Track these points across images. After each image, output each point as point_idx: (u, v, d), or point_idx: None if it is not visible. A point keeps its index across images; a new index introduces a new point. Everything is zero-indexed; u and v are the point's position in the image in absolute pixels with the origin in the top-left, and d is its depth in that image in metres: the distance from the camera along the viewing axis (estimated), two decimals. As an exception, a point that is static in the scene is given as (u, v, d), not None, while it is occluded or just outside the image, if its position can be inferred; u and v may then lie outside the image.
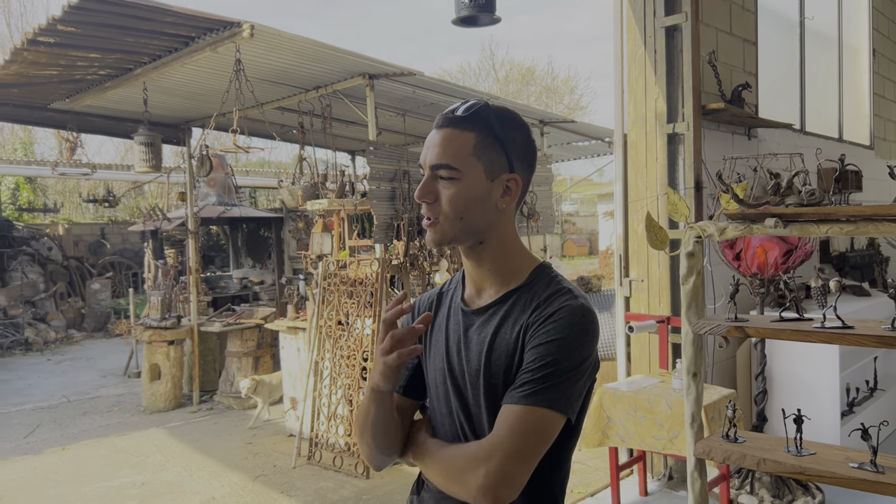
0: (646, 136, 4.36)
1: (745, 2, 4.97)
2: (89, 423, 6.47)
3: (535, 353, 1.17)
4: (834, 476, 1.52)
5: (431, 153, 1.25)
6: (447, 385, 1.30)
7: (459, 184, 1.23)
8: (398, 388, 1.37)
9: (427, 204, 1.25)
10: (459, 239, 1.26)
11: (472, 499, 1.15)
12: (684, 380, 1.76)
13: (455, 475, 1.18)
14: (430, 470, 1.27)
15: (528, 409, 1.14)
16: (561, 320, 1.18)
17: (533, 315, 1.21)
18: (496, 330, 1.24)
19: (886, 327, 1.51)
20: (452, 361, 1.30)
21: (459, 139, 1.23)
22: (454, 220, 1.23)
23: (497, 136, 1.25)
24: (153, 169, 5.67)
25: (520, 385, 1.17)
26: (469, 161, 1.23)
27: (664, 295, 4.28)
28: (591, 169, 25.78)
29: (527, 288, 1.26)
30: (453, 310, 1.34)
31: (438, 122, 1.27)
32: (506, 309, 1.26)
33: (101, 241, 14.05)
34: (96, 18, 3.90)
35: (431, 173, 1.25)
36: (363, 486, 4.60)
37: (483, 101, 1.29)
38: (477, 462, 1.15)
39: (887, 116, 7.60)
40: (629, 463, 4.22)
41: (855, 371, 4.55)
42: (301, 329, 5.68)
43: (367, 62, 4.83)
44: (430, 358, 1.35)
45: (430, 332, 1.37)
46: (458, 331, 1.31)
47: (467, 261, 1.31)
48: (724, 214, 1.66)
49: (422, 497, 1.37)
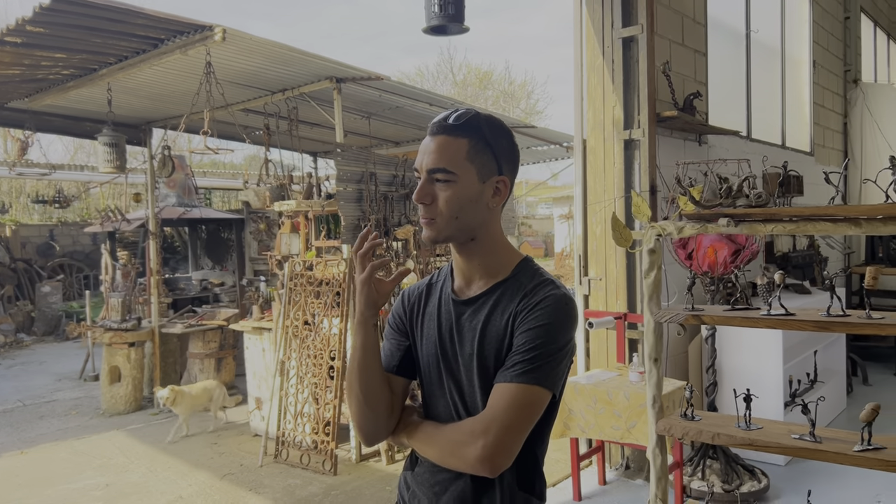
0: (604, 141, 4.57)
1: (696, 15, 5.24)
2: (47, 426, 6.37)
3: (525, 337, 1.31)
4: (779, 446, 1.71)
5: (428, 158, 1.38)
6: (440, 368, 1.44)
7: (455, 186, 1.36)
8: (392, 368, 1.49)
9: (425, 205, 1.38)
10: (454, 236, 1.40)
11: (472, 468, 1.29)
12: (646, 365, 1.93)
13: (454, 449, 1.32)
14: (427, 447, 1.40)
15: (520, 386, 1.29)
16: (547, 308, 1.33)
17: (521, 303, 1.35)
18: (487, 317, 1.38)
19: (823, 314, 1.71)
20: (446, 346, 1.43)
21: (454, 145, 1.37)
22: (450, 219, 1.37)
23: (487, 142, 1.39)
24: (118, 170, 5.64)
25: (511, 365, 1.31)
26: (463, 165, 1.36)
27: (621, 293, 4.49)
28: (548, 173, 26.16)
29: (513, 280, 1.41)
30: (444, 300, 1.47)
31: (433, 130, 1.40)
32: (495, 298, 1.40)
33: (49, 242, 13.70)
34: (66, 19, 3.91)
35: (428, 177, 1.38)
36: (331, 482, 4.69)
37: (473, 109, 1.43)
38: (475, 435, 1.29)
39: (826, 125, 8.03)
40: (588, 454, 4.42)
41: (797, 364, 4.84)
42: (266, 330, 5.72)
43: (335, 66, 4.93)
44: (423, 344, 1.48)
45: (421, 318, 1.50)
46: (450, 319, 1.44)
47: (459, 256, 1.45)
48: (682, 214, 1.84)
49: (416, 472, 1.49)
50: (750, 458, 4.34)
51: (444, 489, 1.41)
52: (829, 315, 1.72)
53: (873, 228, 1.56)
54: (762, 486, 4.06)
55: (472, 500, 1.39)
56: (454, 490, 1.40)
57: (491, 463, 1.27)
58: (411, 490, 1.50)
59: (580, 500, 4.17)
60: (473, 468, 1.29)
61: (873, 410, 1.65)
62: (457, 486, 1.40)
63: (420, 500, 1.47)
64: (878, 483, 4.09)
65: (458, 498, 1.40)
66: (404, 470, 1.55)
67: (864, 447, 1.65)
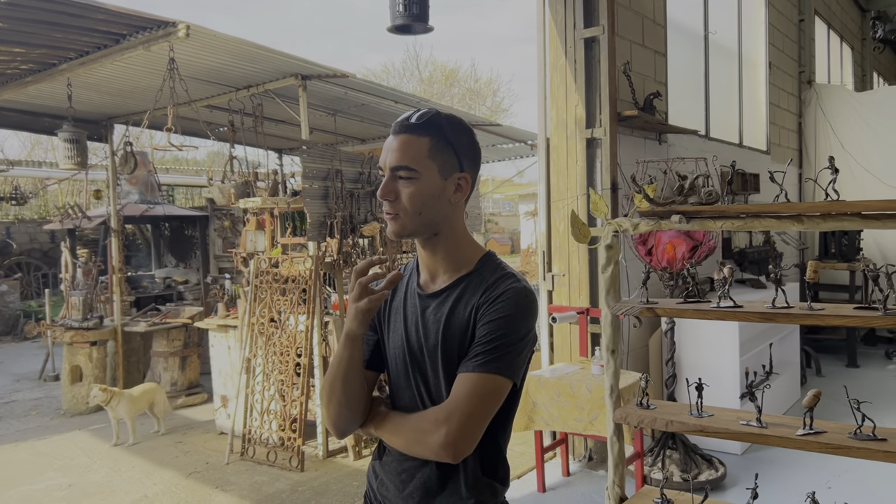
0: (567, 140, 4.66)
1: (656, 16, 5.36)
2: (6, 427, 6.26)
3: (486, 329, 1.37)
4: (728, 431, 1.80)
5: (391, 156, 1.43)
6: (406, 360, 1.49)
7: (417, 183, 1.41)
8: (363, 363, 1.52)
9: (389, 202, 1.43)
10: (418, 231, 1.45)
11: (435, 455, 1.35)
12: (604, 356, 2.01)
13: (418, 437, 1.37)
14: (393, 436, 1.45)
15: (481, 375, 1.35)
16: (507, 300, 1.39)
17: (483, 296, 1.41)
18: (451, 310, 1.44)
19: (768, 306, 1.81)
20: (411, 339, 1.48)
21: (416, 143, 1.42)
22: (413, 214, 1.42)
23: (448, 140, 1.44)
24: (79, 166, 5.56)
25: (473, 356, 1.37)
26: (425, 162, 1.42)
27: (584, 288, 4.59)
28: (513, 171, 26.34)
29: (476, 274, 1.46)
30: (410, 294, 1.53)
31: (395, 129, 1.45)
32: (458, 292, 1.45)
33: (6, 240, 13.37)
34: (26, 14, 3.85)
35: (391, 174, 1.43)
36: (298, 478, 4.71)
37: (434, 109, 1.49)
38: (438, 423, 1.35)
39: (781, 124, 8.28)
40: (552, 446, 4.51)
41: (753, 356, 5.01)
42: (232, 327, 5.70)
43: (300, 63, 4.93)
44: (390, 336, 1.54)
45: (388, 313, 1.55)
46: (416, 312, 1.49)
47: (423, 250, 1.50)
48: (637, 212, 1.92)
49: (384, 461, 1.54)
50: (708, 447, 4.49)
51: (411, 476, 1.46)
52: (774, 307, 1.82)
53: (814, 225, 1.66)
54: (719, 475, 4.21)
55: (437, 486, 1.44)
56: (420, 477, 1.45)
57: (454, 449, 1.33)
58: (379, 479, 1.55)
59: (544, 492, 4.26)
60: (437, 455, 1.34)
61: (815, 396, 1.75)
62: (423, 474, 1.45)
63: (388, 488, 1.52)
64: (830, 471, 4.27)
65: (424, 484, 1.45)
66: (373, 460, 1.60)
67: (806, 431, 1.75)
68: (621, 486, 2.07)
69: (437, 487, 1.44)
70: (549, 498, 4.21)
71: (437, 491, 1.45)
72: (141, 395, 5.66)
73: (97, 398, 5.39)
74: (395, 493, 1.50)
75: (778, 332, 5.68)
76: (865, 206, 1.56)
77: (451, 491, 1.44)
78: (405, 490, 1.47)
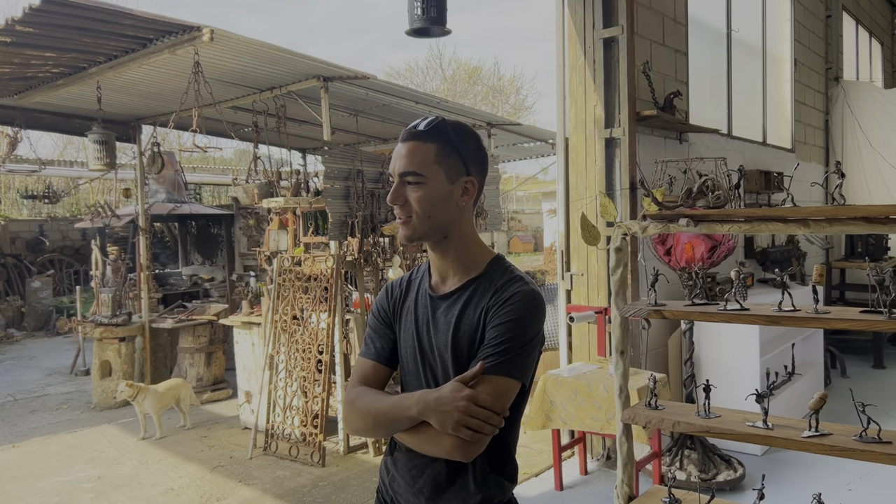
0: (585, 140, 4.67)
1: (676, 15, 5.34)
2: (38, 420, 6.44)
3: (496, 331, 1.42)
4: (734, 433, 1.83)
5: (400, 163, 1.49)
6: (417, 359, 1.54)
7: (425, 187, 1.47)
8: (384, 360, 1.60)
9: (399, 206, 1.49)
10: (428, 234, 1.50)
11: (448, 454, 1.39)
12: (614, 357, 2.04)
13: (431, 436, 1.41)
14: (406, 434, 1.48)
15: (494, 377, 1.39)
16: (516, 303, 1.44)
17: (492, 299, 1.46)
18: (461, 312, 1.49)
19: (774, 309, 1.82)
20: (422, 339, 1.54)
21: (423, 150, 1.48)
22: (423, 218, 1.48)
23: (454, 146, 1.50)
24: (108, 167, 5.71)
25: (483, 358, 1.41)
26: (432, 168, 1.47)
27: (602, 288, 4.60)
28: (537, 168, 26.29)
29: (486, 277, 1.52)
30: (421, 295, 1.59)
31: (403, 137, 1.52)
32: (468, 294, 1.50)
33: (39, 238, 13.70)
34: (56, 20, 3.97)
35: (401, 180, 1.49)
36: (319, 473, 4.79)
37: (440, 117, 1.54)
38: None
39: (807, 122, 8.17)
40: (570, 444, 4.54)
41: (774, 357, 4.97)
42: (256, 324, 5.81)
43: (322, 65, 5.01)
44: (402, 336, 1.59)
45: (402, 312, 1.61)
46: (427, 313, 1.55)
47: (433, 253, 1.56)
48: (646, 215, 1.95)
49: (395, 457, 1.59)
50: (727, 448, 4.47)
51: (421, 472, 1.51)
52: (781, 310, 1.84)
53: (820, 228, 1.67)
54: (738, 476, 4.19)
55: (446, 482, 1.49)
56: (430, 472, 1.50)
57: (465, 449, 1.37)
58: (391, 474, 1.60)
59: (562, 490, 4.29)
60: (450, 454, 1.38)
61: (820, 399, 1.77)
62: (433, 469, 1.50)
63: (399, 484, 1.57)
64: (851, 473, 4.23)
65: (434, 480, 1.50)
66: (385, 455, 1.65)
67: (812, 434, 1.77)
68: (630, 485, 2.10)
69: (447, 483, 1.49)
70: (567, 496, 4.24)
71: (446, 486, 1.49)
72: (167, 391, 5.78)
73: (124, 393, 5.53)
74: (405, 489, 1.55)
75: (801, 333, 5.62)
76: (870, 211, 1.57)
77: (459, 486, 1.49)
78: (416, 485, 1.52)
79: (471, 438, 1.35)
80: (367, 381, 1.57)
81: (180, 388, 5.92)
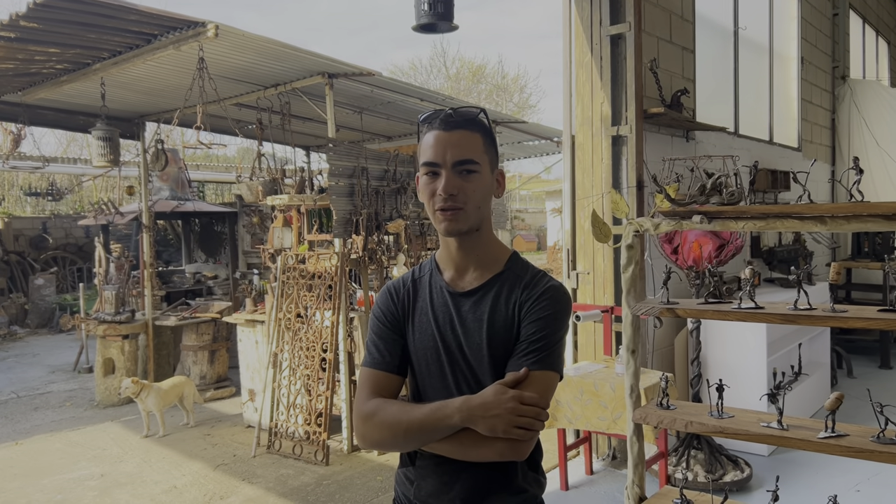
0: (592, 137, 4.63)
1: (684, 12, 5.30)
2: (41, 417, 6.43)
3: (534, 326, 1.40)
4: (748, 433, 1.79)
5: (453, 151, 1.41)
6: (441, 360, 1.46)
7: (479, 177, 1.44)
8: (393, 368, 1.50)
9: (452, 196, 1.41)
10: (474, 226, 1.46)
11: (501, 455, 1.34)
12: (624, 356, 2.01)
13: (479, 439, 1.34)
14: (443, 442, 1.38)
15: (538, 373, 1.37)
16: (550, 298, 1.42)
17: (524, 294, 1.44)
18: (493, 308, 1.45)
19: (790, 307, 1.79)
20: (447, 339, 1.47)
21: (472, 138, 1.44)
22: (475, 209, 1.44)
23: (492, 137, 1.49)
24: (111, 163, 5.68)
25: (525, 353, 1.39)
26: (482, 157, 1.45)
27: (608, 286, 4.57)
28: (540, 167, 26.22)
29: (510, 272, 1.49)
30: (437, 293, 1.51)
31: (448, 125, 1.43)
32: (496, 290, 1.46)
33: (42, 235, 13.71)
34: (60, 15, 3.95)
35: (454, 169, 1.42)
36: (323, 472, 4.77)
37: (478, 106, 1.52)
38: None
39: (814, 121, 8.12)
40: (576, 444, 4.50)
41: (781, 357, 4.94)
42: (259, 322, 5.78)
43: (327, 62, 4.98)
44: (417, 338, 1.50)
45: (412, 314, 1.52)
46: (448, 311, 1.48)
47: (460, 247, 1.48)
48: (658, 212, 1.91)
49: (418, 466, 1.50)
50: (734, 448, 4.44)
51: (455, 478, 1.44)
52: (797, 308, 1.80)
53: (837, 226, 1.64)
54: (745, 476, 4.16)
55: (487, 486, 1.44)
56: (467, 478, 1.43)
57: (521, 447, 1.34)
58: (416, 484, 1.50)
59: (567, 490, 4.26)
60: (503, 455, 1.33)
61: (837, 399, 1.73)
62: (469, 474, 1.43)
63: (427, 492, 1.48)
64: (859, 474, 4.19)
65: (473, 485, 1.43)
66: (401, 467, 1.56)
67: (828, 434, 1.74)
68: (641, 485, 2.07)
69: (488, 487, 1.44)
70: (572, 496, 4.21)
71: (487, 490, 1.44)
72: (170, 389, 5.76)
73: (128, 390, 5.51)
74: (437, 498, 1.47)
75: (808, 333, 5.59)
76: (889, 208, 1.54)
77: (503, 488, 1.44)
78: (450, 492, 1.45)
79: (523, 438, 1.32)
80: (381, 393, 1.47)
81: (184, 385, 5.90)
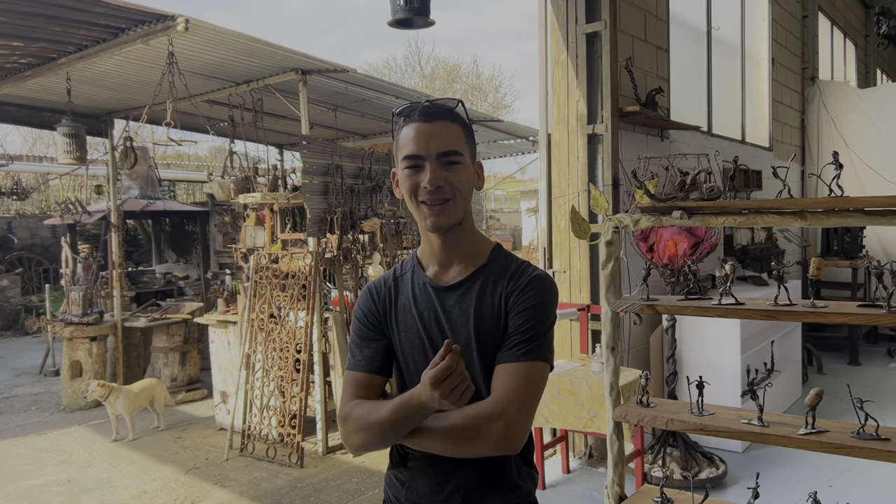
0: (568, 136, 4.63)
1: (658, 11, 5.33)
2: (6, 422, 6.25)
3: (522, 317, 1.37)
4: (729, 430, 1.78)
5: (437, 143, 1.38)
6: (428, 357, 1.42)
7: (463, 168, 1.41)
8: (375, 370, 1.47)
9: (439, 188, 1.37)
10: (459, 219, 1.42)
11: (494, 449, 1.30)
12: (604, 353, 1.99)
13: (471, 435, 1.31)
14: (433, 440, 1.35)
15: (528, 364, 1.34)
16: (537, 287, 1.39)
17: (510, 285, 1.40)
18: (478, 302, 1.41)
19: (770, 303, 1.78)
20: (433, 334, 1.44)
21: (454, 129, 1.41)
22: (461, 201, 1.41)
23: (470, 129, 1.46)
24: (78, 161, 5.54)
25: (514, 345, 1.36)
26: (464, 148, 1.42)
27: (584, 285, 4.57)
28: (515, 167, 26.29)
29: (494, 264, 1.45)
30: (419, 289, 1.47)
31: (429, 116, 1.39)
32: (480, 283, 1.43)
33: (7, 235, 13.38)
34: (23, 7, 3.83)
35: (439, 161, 1.38)
36: (297, 474, 4.70)
37: (455, 98, 1.48)
38: (493, 417, 1.30)
39: (784, 121, 8.23)
40: (552, 443, 4.50)
41: (754, 354, 4.98)
42: (232, 323, 5.68)
43: (301, 58, 4.91)
44: (402, 336, 1.47)
45: (395, 312, 1.49)
46: (432, 307, 1.45)
47: (444, 241, 1.44)
48: (638, 208, 1.90)
49: (410, 467, 1.46)
50: (709, 445, 4.46)
51: (449, 477, 1.42)
52: (777, 304, 1.80)
53: (817, 221, 1.64)
54: (720, 473, 4.18)
55: (482, 483, 1.41)
56: (461, 476, 1.41)
57: (515, 440, 1.30)
58: (407, 485, 1.47)
59: (544, 489, 4.24)
60: (496, 449, 1.30)
61: (817, 395, 1.73)
62: (463, 472, 1.40)
63: (420, 493, 1.46)
64: (831, 469, 4.24)
65: (467, 483, 1.41)
66: (391, 468, 1.52)
67: (808, 431, 1.73)
68: (621, 484, 2.05)
69: (483, 483, 1.41)
70: (550, 495, 4.20)
71: (483, 487, 1.41)
72: (140, 391, 5.63)
73: (95, 393, 5.37)
74: (430, 497, 1.44)
75: (780, 330, 5.65)
76: (869, 203, 1.54)
77: (499, 484, 1.42)
78: (443, 492, 1.42)
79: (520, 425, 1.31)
80: (363, 395, 1.44)
81: (154, 388, 5.78)
